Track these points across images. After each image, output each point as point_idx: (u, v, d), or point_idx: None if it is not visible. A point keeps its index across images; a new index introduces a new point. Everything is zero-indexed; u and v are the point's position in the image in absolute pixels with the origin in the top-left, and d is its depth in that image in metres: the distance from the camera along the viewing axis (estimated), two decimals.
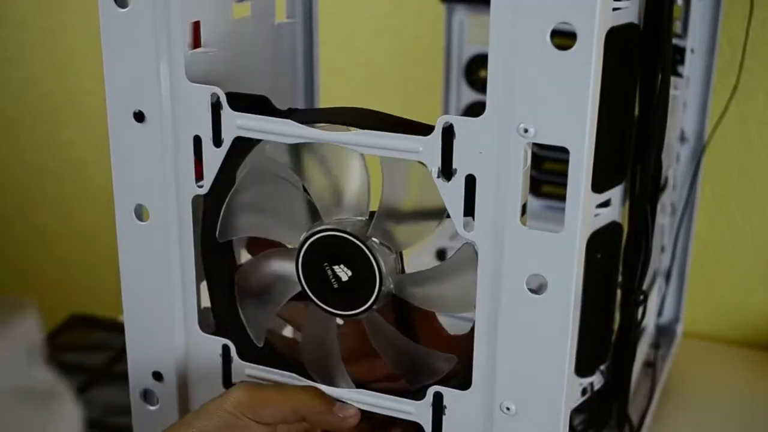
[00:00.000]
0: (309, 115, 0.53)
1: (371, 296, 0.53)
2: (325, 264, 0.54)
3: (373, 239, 0.53)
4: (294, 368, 0.57)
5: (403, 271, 0.55)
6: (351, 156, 0.54)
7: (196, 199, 0.55)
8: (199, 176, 0.55)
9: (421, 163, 0.50)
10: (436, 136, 0.48)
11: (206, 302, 0.59)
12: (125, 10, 0.52)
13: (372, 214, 0.54)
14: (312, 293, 0.55)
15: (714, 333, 0.99)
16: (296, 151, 0.55)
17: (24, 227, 1.34)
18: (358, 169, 0.54)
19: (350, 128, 0.51)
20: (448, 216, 0.51)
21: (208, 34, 0.55)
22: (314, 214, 0.55)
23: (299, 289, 0.55)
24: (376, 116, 0.52)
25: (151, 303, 0.58)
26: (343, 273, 0.53)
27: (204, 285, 0.59)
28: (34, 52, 1.27)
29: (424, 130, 0.49)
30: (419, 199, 0.53)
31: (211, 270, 0.58)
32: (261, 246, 0.59)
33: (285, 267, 0.57)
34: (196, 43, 0.55)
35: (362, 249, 0.52)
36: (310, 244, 0.54)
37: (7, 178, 1.32)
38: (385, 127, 0.50)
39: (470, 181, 0.49)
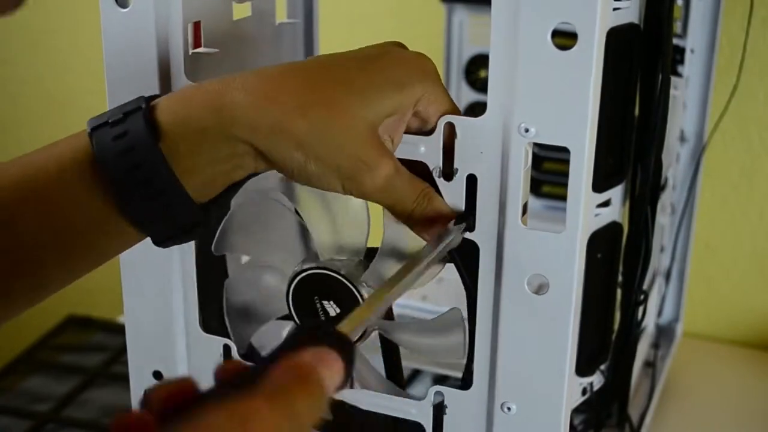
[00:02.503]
0: None
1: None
2: (316, 297, 0.54)
3: (365, 282, 0.53)
4: None
5: (391, 314, 0.55)
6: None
7: None
8: None
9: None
10: (438, 135, 0.48)
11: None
12: (126, 9, 0.52)
13: (367, 253, 0.54)
14: (299, 321, 0.55)
15: (714, 333, 0.99)
16: (296, 187, 0.54)
17: None
18: (359, 213, 0.54)
19: None
20: (447, 263, 0.51)
21: (208, 35, 0.55)
22: (308, 241, 0.55)
23: (286, 311, 0.55)
24: None
25: (152, 303, 0.58)
26: (332, 309, 0.54)
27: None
28: (34, 52, 1.27)
29: None
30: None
31: (202, 278, 0.58)
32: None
33: (274, 287, 0.57)
34: (197, 43, 0.55)
35: (353, 292, 0.53)
36: (302, 277, 0.54)
37: None
38: None
39: (471, 181, 0.49)
